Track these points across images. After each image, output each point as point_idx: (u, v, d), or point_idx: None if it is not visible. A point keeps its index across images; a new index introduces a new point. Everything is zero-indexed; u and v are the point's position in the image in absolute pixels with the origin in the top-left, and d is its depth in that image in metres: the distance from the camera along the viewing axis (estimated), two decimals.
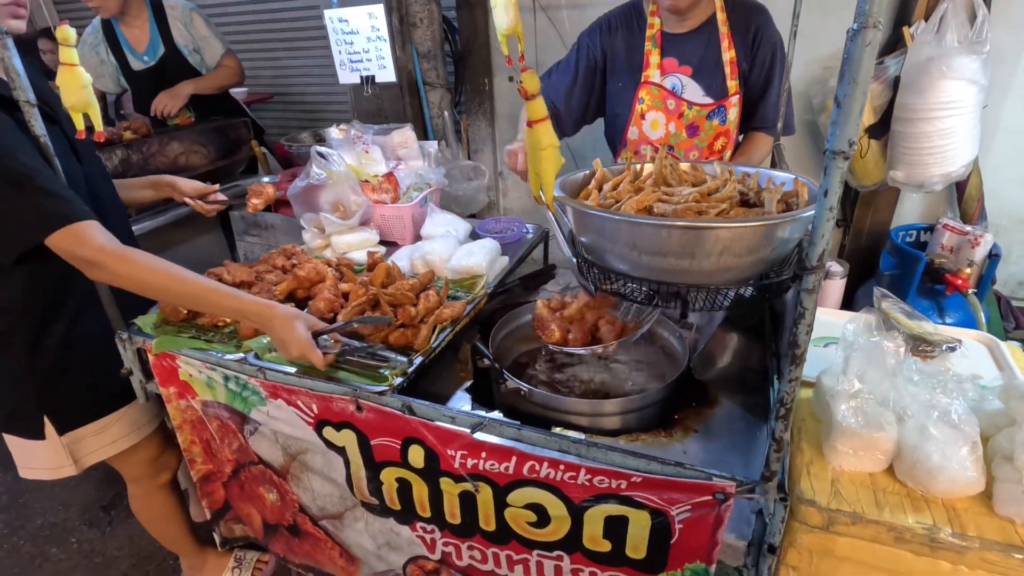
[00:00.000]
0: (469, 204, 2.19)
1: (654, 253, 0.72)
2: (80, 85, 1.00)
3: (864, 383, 0.88)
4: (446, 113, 2.60)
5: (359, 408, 1.05)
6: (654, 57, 1.63)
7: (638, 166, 0.91)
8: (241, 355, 1.16)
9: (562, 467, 0.91)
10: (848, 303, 2.24)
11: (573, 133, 1.82)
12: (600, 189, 0.87)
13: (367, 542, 1.26)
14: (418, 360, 1.10)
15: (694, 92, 1.63)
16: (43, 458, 1.33)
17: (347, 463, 1.14)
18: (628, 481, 0.87)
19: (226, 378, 1.18)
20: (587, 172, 0.94)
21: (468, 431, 0.96)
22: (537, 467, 0.93)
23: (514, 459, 0.94)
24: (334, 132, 1.78)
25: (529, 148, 0.77)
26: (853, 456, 0.85)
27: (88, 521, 2.16)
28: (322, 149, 1.59)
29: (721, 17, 1.57)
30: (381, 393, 1.03)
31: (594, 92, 1.74)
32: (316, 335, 1.05)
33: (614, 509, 0.90)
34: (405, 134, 1.75)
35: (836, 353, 1.00)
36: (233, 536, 1.51)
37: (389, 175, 1.66)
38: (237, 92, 3.74)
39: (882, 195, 2.27)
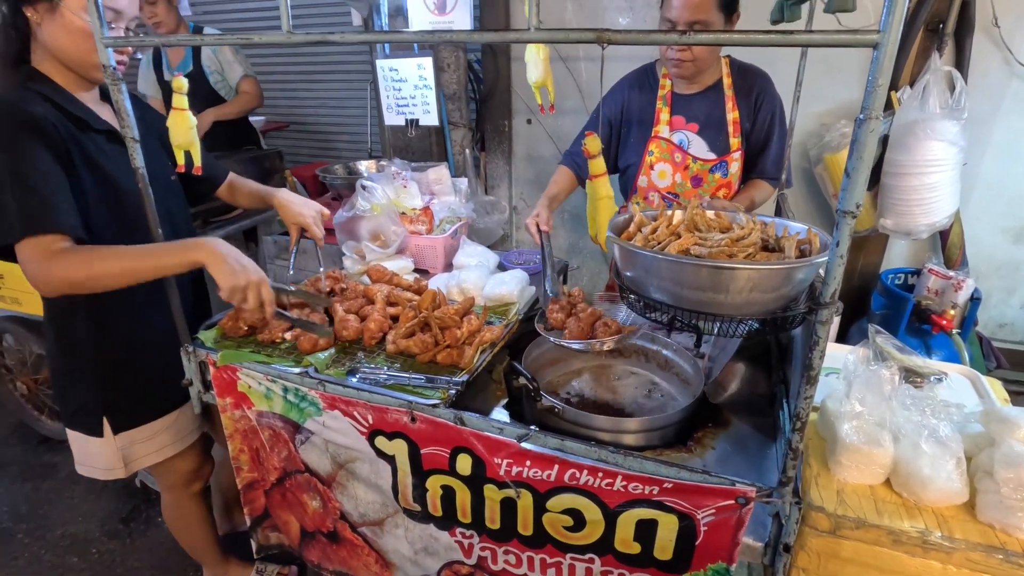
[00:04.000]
0: (487, 236, 2.34)
1: (694, 288, 0.86)
2: (187, 127, 1.14)
3: (864, 406, 1.01)
4: (467, 151, 2.78)
5: (413, 419, 1.16)
6: (664, 114, 1.81)
7: (669, 212, 1.06)
8: (301, 369, 1.27)
9: (600, 474, 1.03)
10: (842, 338, 2.39)
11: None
12: (640, 230, 1.02)
13: (404, 548, 1.35)
14: (464, 378, 1.22)
15: (699, 147, 1.81)
16: (98, 457, 1.41)
17: (395, 471, 1.25)
18: (660, 487, 0.98)
19: (285, 390, 1.29)
20: (627, 216, 1.09)
21: (515, 441, 1.08)
22: (577, 474, 1.05)
23: (556, 467, 1.06)
24: (365, 165, 1.94)
25: (589, 197, 0.91)
26: (855, 469, 0.98)
27: (108, 532, 2.21)
28: (367, 183, 1.74)
29: (727, 82, 1.75)
30: (434, 406, 1.15)
31: (609, 154, 1.92)
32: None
33: (645, 513, 1.02)
34: (440, 172, 1.91)
35: (837, 381, 1.13)
36: (268, 544, 1.59)
37: (426, 208, 1.81)
38: (254, 120, 3.94)
39: (872, 240, 2.45)
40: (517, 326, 1.51)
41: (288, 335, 1.39)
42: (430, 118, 1.80)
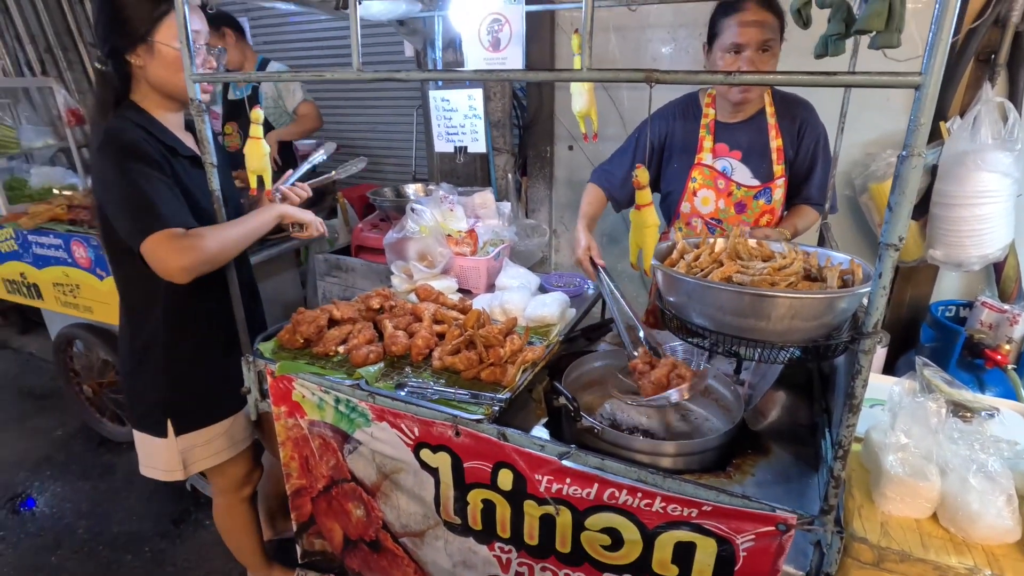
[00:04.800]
0: (528, 258, 2.40)
1: (736, 315, 0.89)
2: (262, 154, 1.25)
3: (910, 438, 1.01)
4: (510, 175, 2.86)
5: (457, 433, 1.21)
6: (707, 142, 1.84)
7: (711, 240, 1.09)
8: (353, 381, 1.34)
9: (639, 494, 1.05)
10: (889, 370, 2.33)
11: (627, 207, 2.04)
12: (683, 257, 1.05)
13: (443, 560, 1.39)
14: (507, 395, 1.26)
15: (743, 174, 1.83)
16: (160, 459, 1.51)
17: (438, 483, 1.29)
18: (699, 510, 1.00)
19: (337, 400, 1.36)
20: (669, 244, 1.13)
21: (556, 458, 1.11)
22: (617, 494, 1.07)
23: (596, 485, 1.09)
24: (413, 189, 2.03)
25: (635, 225, 0.96)
26: (900, 502, 0.97)
27: (160, 532, 2.32)
28: (416, 206, 1.83)
29: (770, 111, 1.78)
30: (478, 421, 1.19)
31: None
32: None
33: (684, 535, 1.03)
34: (485, 196, 1.98)
35: (881, 412, 1.13)
36: (312, 549, 1.65)
37: (471, 231, 1.88)
38: (306, 143, 4.15)
39: (922, 271, 2.39)
40: (557, 347, 1.55)
41: (341, 348, 1.46)
42: (478, 146, 1.89)
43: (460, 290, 1.90)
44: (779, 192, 1.81)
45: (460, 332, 1.41)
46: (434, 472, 1.28)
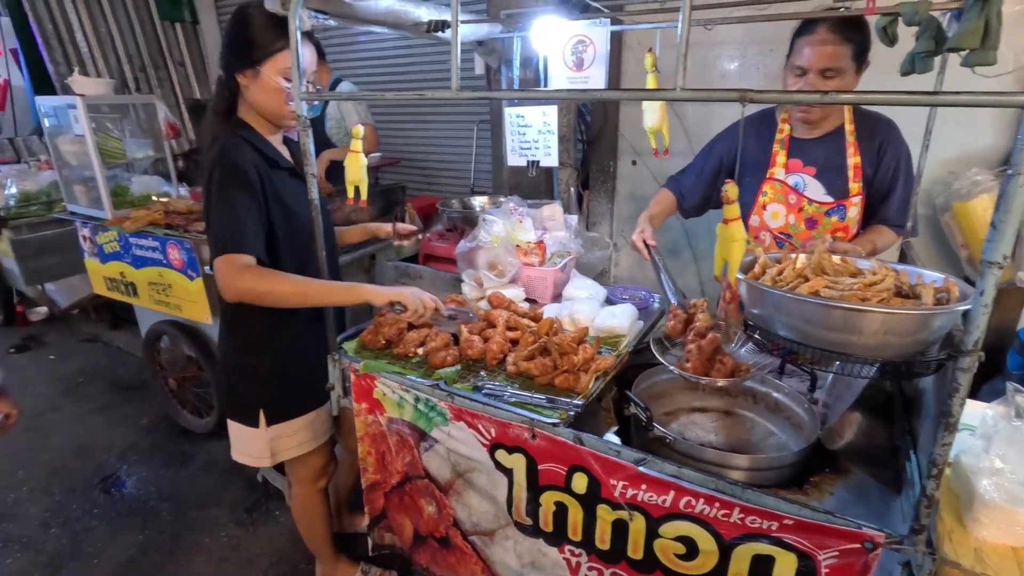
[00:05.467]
0: (589, 270, 2.43)
1: (826, 328, 0.90)
2: (360, 167, 1.36)
3: (1006, 463, 0.98)
4: (572, 189, 2.91)
5: (533, 436, 1.26)
6: (780, 157, 1.84)
7: (793, 256, 1.10)
8: (432, 381, 1.41)
9: (717, 504, 1.06)
10: (972, 397, 2.22)
11: (693, 216, 2.06)
12: (765, 271, 1.07)
13: (512, 560, 1.43)
14: (581, 401, 1.30)
15: (816, 191, 1.81)
16: (251, 446, 1.62)
17: (511, 484, 1.34)
18: (780, 523, 1.00)
19: (417, 399, 1.43)
20: (751, 258, 1.15)
21: (633, 464, 1.14)
22: (693, 502, 1.08)
23: (672, 493, 1.11)
24: (479, 201, 2.11)
25: (722, 239, 0.99)
26: (995, 528, 0.95)
27: (235, 520, 2.46)
28: (489, 217, 1.90)
29: (849, 128, 1.76)
30: (555, 424, 1.24)
31: (716, 190, 1.98)
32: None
33: (763, 548, 1.03)
34: (554, 208, 2.04)
35: (971, 437, 1.10)
36: (383, 543, 1.73)
37: (540, 242, 1.94)
38: (371, 157, 4.33)
39: (1009, 294, 2.28)
40: (627, 358, 1.58)
41: (420, 350, 1.54)
42: (550, 160, 1.95)
43: (527, 299, 1.95)
44: (854, 210, 1.78)
45: (534, 339, 1.46)
46: (508, 473, 1.33)
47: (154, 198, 2.99)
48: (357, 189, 1.42)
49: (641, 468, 1.12)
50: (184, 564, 2.23)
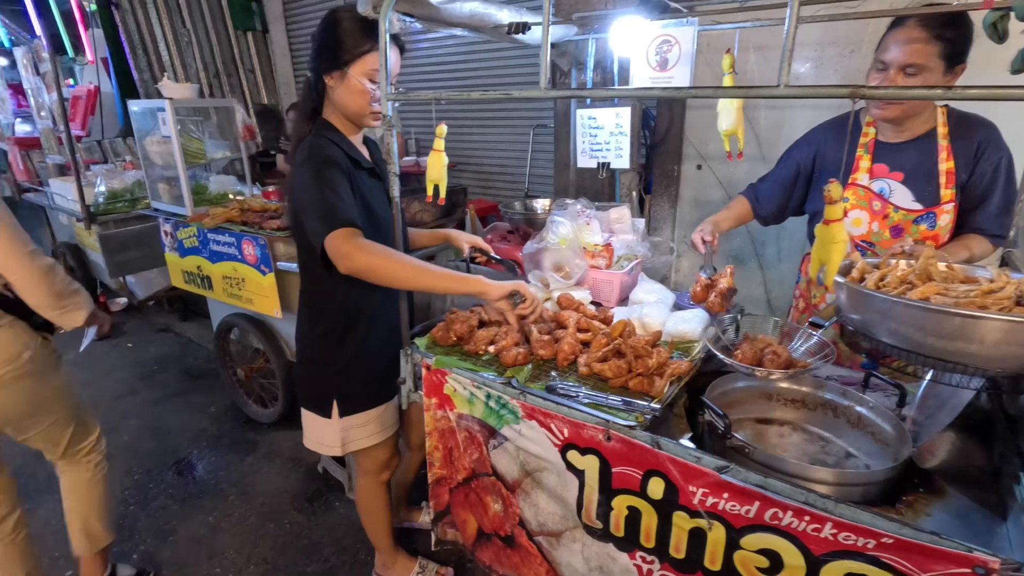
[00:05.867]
0: (652, 276, 2.40)
1: (941, 336, 0.85)
2: (441, 165, 1.39)
3: None
4: (634, 193, 2.88)
5: (608, 438, 1.24)
6: (864, 162, 1.76)
7: (893, 261, 1.05)
8: (504, 379, 1.42)
9: (807, 518, 1.02)
10: None
11: (772, 223, 1.99)
12: (864, 276, 1.03)
13: (579, 563, 1.42)
14: (658, 406, 1.28)
15: (903, 197, 1.72)
16: (323, 435, 1.68)
17: (582, 486, 1.33)
18: (878, 541, 0.95)
19: (488, 396, 1.44)
20: (848, 263, 1.10)
21: (714, 471, 1.11)
22: (780, 515, 1.05)
23: (757, 503, 1.07)
24: (541, 203, 2.11)
25: (821, 241, 0.95)
26: None
27: (297, 508, 2.54)
28: (557, 218, 1.90)
29: (942, 131, 1.67)
30: (631, 427, 1.22)
31: (793, 197, 1.92)
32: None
33: (857, 567, 0.99)
34: (621, 212, 2.02)
35: None
36: (446, 539, 1.74)
37: (607, 245, 1.92)
38: (426, 159, 4.41)
39: None
40: (700, 364, 1.54)
41: (491, 348, 1.55)
42: (622, 162, 1.94)
43: (592, 303, 1.94)
44: (945, 218, 1.68)
45: (607, 341, 1.45)
46: (580, 474, 1.32)
47: (231, 196, 3.14)
48: (436, 188, 1.45)
49: (724, 476, 1.09)
50: (251, 547, 2.32)
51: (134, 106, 3.15)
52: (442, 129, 1.39)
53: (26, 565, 1.75)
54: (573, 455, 1.32)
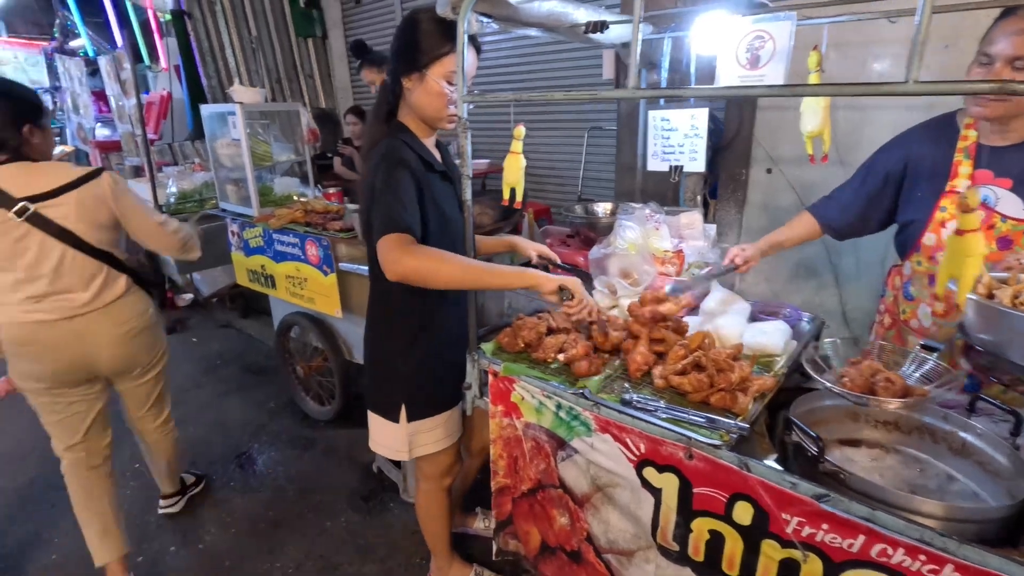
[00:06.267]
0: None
1: None
2: (519, 167, 1.36)
3: None
4: (699, 197, 2.78)
5: (690, 456, 1.18)
6: (964, 168, 1.62)
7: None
8: (576, 390, 1.37)
9: (923, 557, 0.92)
10: None
11: (848, 238, 1.87)
12: (990, 293, 0.93)
13: None
14: (746, 425, 1.20)
15: (1012, 206, 1.57)
16: (390, 439, 1.67)
17: (658, 505, 1.26)
18: None
19: (559, 406, 1.40)
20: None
21: (813, 499, 1.02)
22: (890, 552, 0.96)
23: (862, 537, 0.98)
24: (603, 207, 2.05)
25: (953, 252, 0.86)
26: None
27: (353, 507, 2.56)
28: (625, 223, 1.84)
29: None
30: (716, 446, 1.15)
31: (879, 209, 1.78)
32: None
33: None
34: (692, 216, 1.94)
35: None
36: (507, 549, 1.71)
37: (679, 252, 1.85)
38: (480, 162, 4.41)
39: None
40: (782, 381, 1.45)
41: (560, 356, 1.51)
42: (696, 165, 1.86)
43: None
44: None
45: (685, 352, 1.38)
46: (656, 493, 1.26)
47: (295, 198, 3.22)
48: (513, 191, 1.42)
49: (823, 505, 1.01)
50: (308, 544, 2.36)
51: (206, 110, 3.28)
52: (520, 131, 1.36)
53: (110, 494, 2.11)
54: (650, 472, 1.26)
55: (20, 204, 1.70)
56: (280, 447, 3.04)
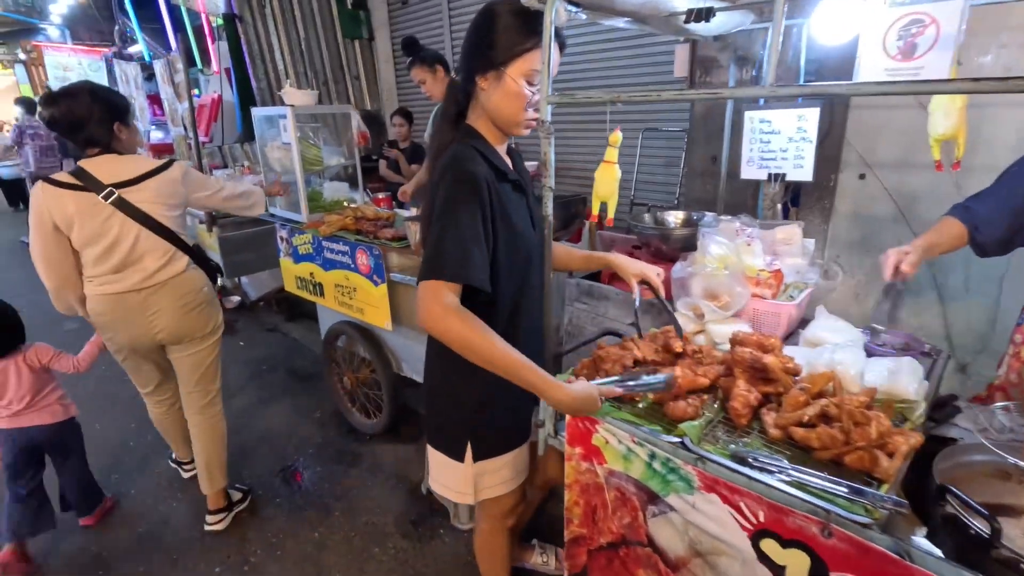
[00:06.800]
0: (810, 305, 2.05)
1: None
2: (613, 179, 1.18)
3: None
4: (779, 205, 2.52)
5: (828, 534, 0.97)
6: None
7: None
8: (675, 438, 1.17)
9: None
10: None
11: (993, 254, 1.59)
12: None
13: None
14: (903, 500, 0.98)
15: None
16: (454, 479, 1.51)
17: None
18: None
19: (652, 456, 1.20)
20: None
21: None
22: None
23: None
24: (674, 216, 1.83)
25: None
26: None
27: (402, 531, 2.42)
28: (714, 237, 1.63)
29: None
30: (864, 525, 0.94)
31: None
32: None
33: None
34: (790, 231, 1.71)
35: None
36: None
37: (777, 272, 1.62)
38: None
39: None
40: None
41: (651, 395, 1.32)
42: (801, 173, 1.64)
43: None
44: None
45: (807, 399, 1.17)
46: (779, 571, 1.05)
47: (344, 204, 3.12)
48: (604, 206, 1.24)
49: None
50: (356, 571, 2.23)
51: (257, 113, 3.21)
52: (617, 136, 1.17)
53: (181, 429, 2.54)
54: (770, 545, 1.05)
55: (107, 189, 1.99)
56: (326, 461, 2.93)
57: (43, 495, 2.30)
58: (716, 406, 1.29)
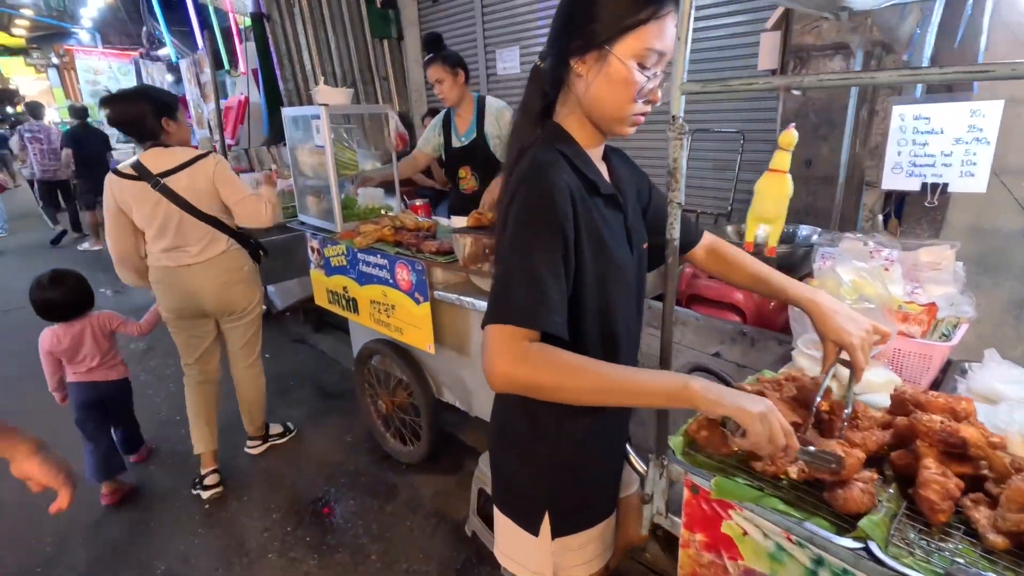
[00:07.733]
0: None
1: None
2: (784, 195, 0.88)
3: None
4: (879, 217, 2.20)
5: None
6: None
7: None
8: (858, 543, 0.87)
9: None
10: None
11: None
12: None
13: None
14: None
15: None
16: (528, 556, 1.22)
17: None
18: None
19: (819, 562, 0.90)
20: None
21: None
22: None
23: None
24: (763, 228, 1.54)
25: None
26: None
27: None
28: (855, 262, 1.32)
29: None
30: None
31: None
32: None
33: None
34: (940, 253, 1.39)
35: None
36: None
37: (931, 306, 1.31)
38: None
39: None
40: None
41: (793, 470, 1.01)
42: (972, 182, 1.32)
43: None
44: None
45: (973, 468, 0.86)
46: None
47: (381, 211, 2.87)
48: (761, 229, 0.94)
49: None
50: None
51: (288, 113, 2.98)
52: (790, 136, 0.87)
53: (212, 404, 2.72)
54: None
55: (155, 179, 2.28)
56: (359, 495, 2.67)
57: (112, 442, 2.70)
58: (893, 491, 0.99)
